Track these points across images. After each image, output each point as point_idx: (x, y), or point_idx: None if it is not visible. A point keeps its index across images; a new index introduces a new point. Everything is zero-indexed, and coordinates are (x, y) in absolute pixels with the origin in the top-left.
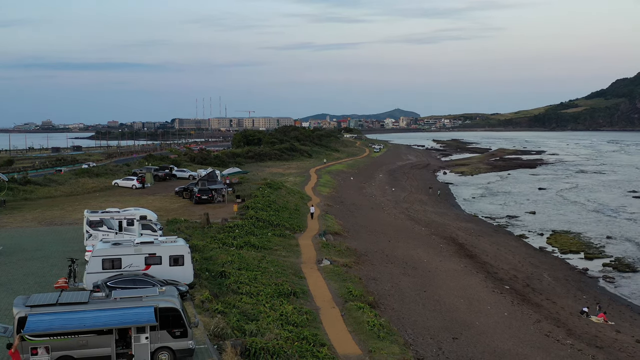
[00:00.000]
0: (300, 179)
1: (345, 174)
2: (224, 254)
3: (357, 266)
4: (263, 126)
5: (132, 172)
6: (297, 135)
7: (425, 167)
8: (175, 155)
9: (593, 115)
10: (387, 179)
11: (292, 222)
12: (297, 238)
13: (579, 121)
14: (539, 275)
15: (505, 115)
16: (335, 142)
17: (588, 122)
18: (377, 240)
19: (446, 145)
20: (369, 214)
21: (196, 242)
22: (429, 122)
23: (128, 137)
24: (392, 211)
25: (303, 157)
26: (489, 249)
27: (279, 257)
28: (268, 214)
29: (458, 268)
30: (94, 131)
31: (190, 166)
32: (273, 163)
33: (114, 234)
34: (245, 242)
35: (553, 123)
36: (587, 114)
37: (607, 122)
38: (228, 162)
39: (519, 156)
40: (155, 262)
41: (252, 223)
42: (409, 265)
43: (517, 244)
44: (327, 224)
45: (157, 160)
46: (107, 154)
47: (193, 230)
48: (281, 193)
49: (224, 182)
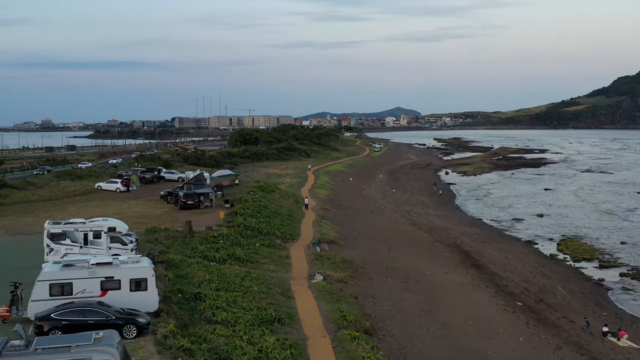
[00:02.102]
0: (296, 180)
1: (344, 175)
2: (202, 270)
3: (354, 281)
4: (263, 125)
5: (118, 175)
6: (295, 134)
7: (427, 167)
8: (168, 155)
9: (595, 113)
10: (388, 179)
11: (284, 229)
12: (288, 248)
13: (580, 119)
14: (553, 288)
15: (506, 113)
16: (335, 141)
17: (590, 120)
18: (377, 249)
19: (447, 143)
20: (368, 219)
21: (172, 257)
22: (430, 121)
23: (127, 136)
24: (392, 215)
25: (301, 157)
26: (497, 258)
27: (266, 272)
28: (258, 221)
29: (465, 281)
30: (93, 130)
31: (182, 167)
32: (270, 163)
33: (79, 248)
34: (229, 255)
35: (554, 121)
36: (588, 112)
37: (608, 120)
38: (223, 162)
39: (522, 155)
40: (113, 287)
41: (239, 232)
42: (411, 278)
43: (526, 250)
44: (323, 230)
45: (148, 160)
46: (99, 154)
47: (173, 240)
48: (274, 197)
49: (213, 185)
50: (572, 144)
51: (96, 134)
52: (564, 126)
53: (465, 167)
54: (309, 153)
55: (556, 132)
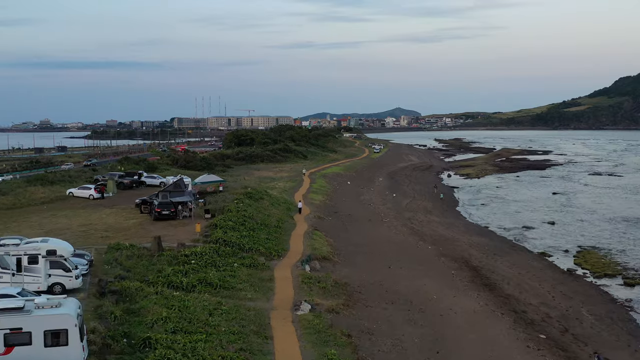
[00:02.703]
0: (290, 184)
1: (342, 178)
2: (161, 303)
3: (347, 310)
4: (262, 125)
5: (94, 179)
6: (292, 135)
7: (428, 169)
8: (157, 157)
9: (596, 113)
10: (388, 183)
11: (270, 244)
12: (273, 267)
13: (581, 120)
14: (577, 313)
15: (507, 114)
16: (333, 142)
17: (591, 120)
18: (375, 266)
19: (449, 144)
20: (366, 229)
21: (128, 284)
22: (430, 121)
23: (124, 136)
24: (393, 223)
25: (298, 159)
26: (510, 274)
27: (242, 300)
28: (240, 235)
29: (477, 307)
30: (90, 130)
31: (168, 171)
32: (265, 165)
33: (10, 275)
34: (200, 280)
35: (556, 122)
36: (590, 113)
37: (610, 120)
38: (215, 164)
39: (526, 156)
40: (22, 342)
41: (215, 249)
42: (415, 305)
43: (541, 265)
44: (314, 244)
45: (132, 163)
46: (87, 155)
47: (137, 260)
48: (262, 205)
49: (197, 192)
50: (575, 145)
51: (93, 134)
52: (565, 127)
53: (468, 169)
54: (306, 155)
55: (557, 133)
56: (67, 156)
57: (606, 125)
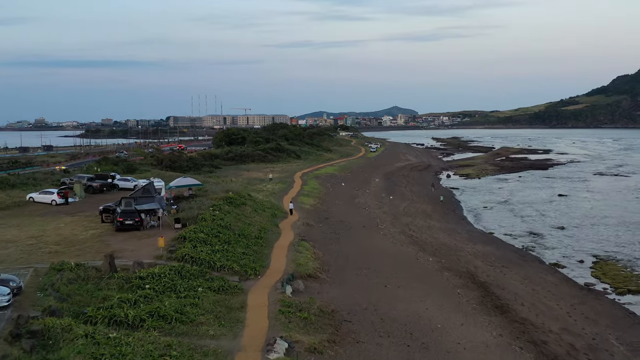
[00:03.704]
0: (280, 186)
1: (335, 179)
2: (88, 352)
3: (333, 349)
4: (258, 124)
5: (60, 182)
6: (285, 134)
7: (427, 169)
8: (140, 157)
9: (594, 112)
10: (384, 184)
11: (247, 260)
12: (247, 291)
13: (579, 118)
14: (605, 341)
15: (504, 112)
16: (329, 141)
17: (589, 119)
18: (369, 285)
19: (447, 143)
20: (360, 237)
21: (53, 323)
22: (428, 120)
23: (118, 135)
24: (389, 230)
25: (290, 159)
26: (522, 291)
27: (202, 339)
28: (211, 250)
29: (489, 339)
30: (85, 129)
31: (149, 172)
32: (255, 165)
33: None
34: (151, 312)
35: (553, 120)
36: (588, 111)
37: (608, 119)
38: (203, 164)
39: (526, 156)
40: None
41: (178, 269)
42: (416, 338)
43: (555, 279)
44: (299, 259)
45: (110, 164)
46: (71, 155)
47: (80, 285)
48: (244, 211)
49: (173, 196)
50: (574, 144)
51: (87, 133)
52: (563, 125)
53: (468, 169)
54: (299, 154)
55: (556, 132)
56: (50, 156)
57: (604, 123)
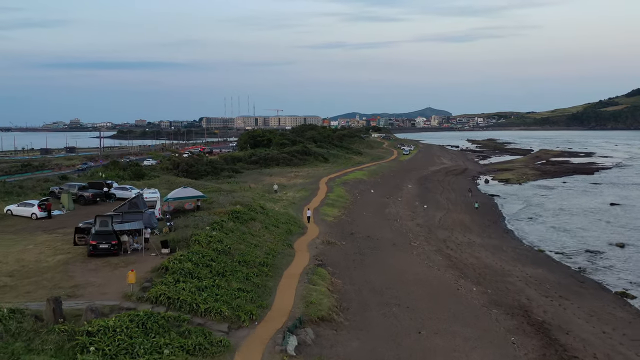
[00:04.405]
0: (302, 193)
1: (364, 185)
2: None
3: None
4: (289, 125)
5: (49, 191)
6: (313, 136)
7: (463, 173)
8: (158, 160)
9: (635, 113)
10: (418, 190)
11: (243, 299)
12: (235, 347)
13: (619, 120)
14: None
15: (541, 113)
16: (359, 143)
17: (629, 120)
18: (398, 331)
19: (482, 145)
20: (390, 258)
21: None
22: (462, 121)
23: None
24: (424, 248)
25: (317, 162)
26: (591, 335)
27: None
28: (197, 286)
29: None
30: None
31: (158, 178)
32: (280, 170)
33: None
34: None
35: (592, 122)
36: (628, 112)
37: None
38: (223, 168)
39: (567, 159)
40: None
41: (142, 320)
42: None
43: (627, 314)
44: (312, 296)
45: (118, 169)
46: (88, 158)
47: (6, 343)
48: (252, 228)
49: (161, 211)
50: (617, 146)
51: (119, 134)
52: (602, 127)
53: (507, 173)
54: (327, 157)
55: (595, 133)
56: (67, 159)
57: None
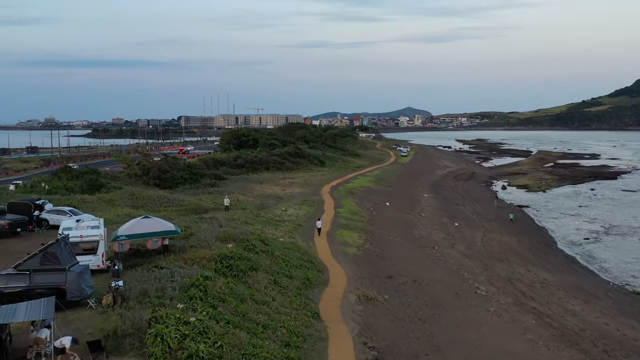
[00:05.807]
0: (306, 209)
1: (375, 195)
2: None
3: None
4: (271, 124)
5: None
6: (304, 135)
7: (472, 178)
8: (124, 165)
9: (619, 114)
10: (437, 201)
11: None
12: None
13: (603, 120)
14: None
15: (524, 113)
16: (353, 143)
17: (614, 121)
18: None
19: (475, 146)
20: (467, 329)
21: None
22: (446, 121)
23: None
24: (498, 301)
25: (313, 166)
26: None
27: None
28: None
29: None
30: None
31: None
32: (271, 175)
33: None
34: None
35: (576, 122)
36: (612, 113)
37: (633, 121)
38: (203, 174)
39: (577, 161)
40: None
41: None
42: None
43: None
44: None
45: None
46: (44, 161)
47: None
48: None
49: (128, 248)
50: (615, 147)
51: (94, 132)
52: (586, 127)
53: (521, 177)
54: (323, 160)
55: (581, 134)
56: (23, 161)
57: (629, 125)
